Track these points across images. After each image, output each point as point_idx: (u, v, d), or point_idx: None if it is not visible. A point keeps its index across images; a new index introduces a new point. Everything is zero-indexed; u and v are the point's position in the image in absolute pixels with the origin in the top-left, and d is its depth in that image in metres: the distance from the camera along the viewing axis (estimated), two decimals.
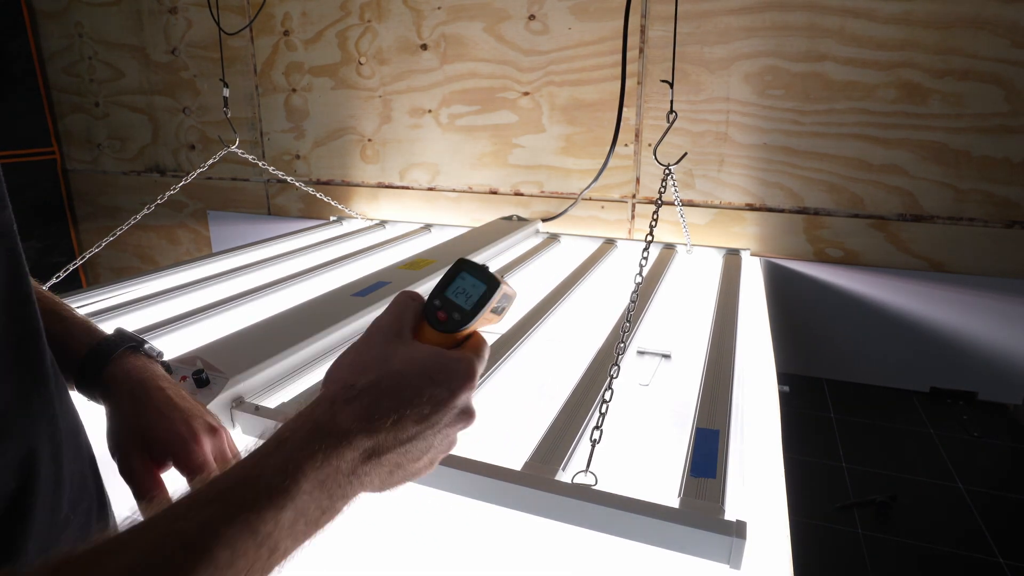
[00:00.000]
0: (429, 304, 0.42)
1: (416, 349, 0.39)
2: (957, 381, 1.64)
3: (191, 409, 0.56)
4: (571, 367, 0.96)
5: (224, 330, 0.99)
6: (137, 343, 0.59)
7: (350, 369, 0.39)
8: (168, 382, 0.58)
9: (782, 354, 1.13)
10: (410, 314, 0.41)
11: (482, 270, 0.42)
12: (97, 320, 1.14)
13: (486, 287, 0.41)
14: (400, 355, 0.38)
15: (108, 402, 0.55)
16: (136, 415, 0.54)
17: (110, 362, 0.55)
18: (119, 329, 0.60)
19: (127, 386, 0.55)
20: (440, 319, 0.41)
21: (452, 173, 2.07)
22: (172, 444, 0.53)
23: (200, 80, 2.34)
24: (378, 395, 0.36)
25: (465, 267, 0.42)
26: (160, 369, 0.59)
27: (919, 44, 1.50)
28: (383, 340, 0.39)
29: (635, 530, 0.60)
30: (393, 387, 0.37)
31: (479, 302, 0.41)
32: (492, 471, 0.66)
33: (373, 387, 0.37)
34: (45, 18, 2.54)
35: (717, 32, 1.65)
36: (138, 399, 0.54)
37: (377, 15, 2.02)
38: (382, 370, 0.38)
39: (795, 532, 0.64)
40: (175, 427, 0.54)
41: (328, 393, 0.37)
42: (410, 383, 0.37)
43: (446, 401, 0.38)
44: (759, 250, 1.75)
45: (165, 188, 1.83)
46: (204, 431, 0.55)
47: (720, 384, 0.87)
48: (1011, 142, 1.49)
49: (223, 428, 0.58)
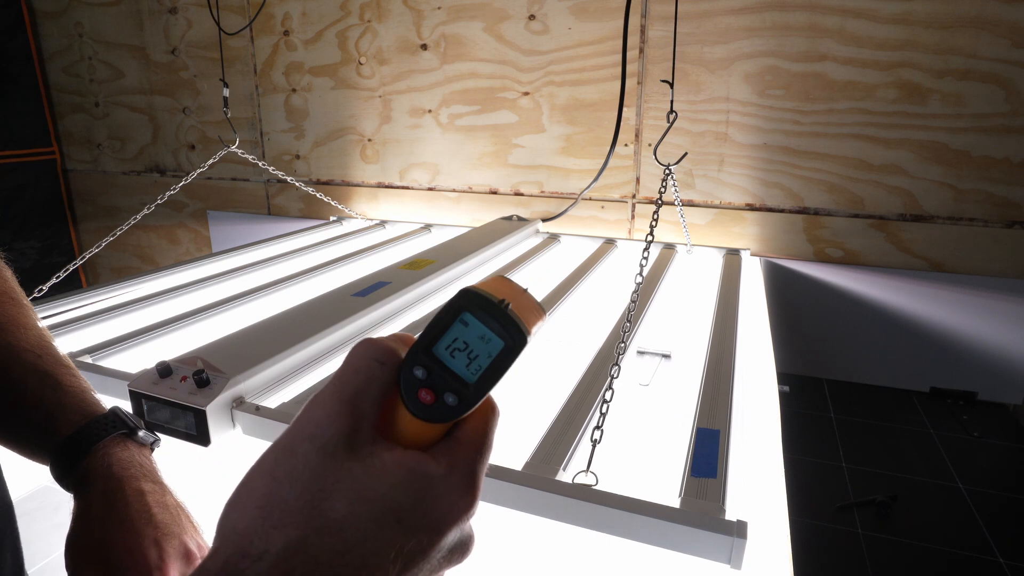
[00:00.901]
0: (406, 371, 0.25)
1: (378, 468, 0.24)
2: (957, 381, 1.64)
3: (168, 525, 0.47)
4: (571, 367, 0.96)
5: (224, 330, 0.99)
6: (130, 429, 0.51)
7: (259, 515, 0.23)
8: (153, 482, 0.49)
9: (782, 354, 1.13)
10: (371, 395, 0.25)
11: (498, 311, 0.25)
12: (97, 320, 1.14)
13: (503, 344, 0.24)
14: (348, 487, 0.23)
15: (78, 498, 0.48)
16: (103, 525, 0.45)
17: (92, 451, 0.48)
18: (114, 410, 0.53)
19: (103, 484, 0.47)
20: (423, 402, 0.25)
21: (452, 173, 2.07)
22: (134, 570, 0.44)
23: (200, 80, 2.34)
24: (304, 568, 0.21)
25: (471, 304, 0.25)
26: (150, 463, 0.51)
27: (919, 44, 1.50)
28: (319, 457, 0.23)
29: (636, 530, 0.60)
30: (332, 549, 0.22)
31: (491, 371, 0.25)
32: (492, 471, 0.66)
33: (294, 553, 0.22)
34: (45, 18, 2.54)
35: (717, 32, 1.65)
36: (111, 503, 0.46)
37: (377, 15, 2.02)
38: (313, 521, 0.22)
39: (795, 532, 0.64)
40: (142, 549, 0.45)
41: (214, 566, 0.22)
42: (364, 538, 0.22)
43: (426, 550, 0.24)
44: (759, 250, 1.75)
45: (165, 188, 1.83)
46: (176, 557, 0.46)
47: (720, 384, 0.87)
48: (1011, 142, 1.49)
49: (203, 549, 0.49)
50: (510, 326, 0.24)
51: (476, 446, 0.26)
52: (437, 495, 0.24)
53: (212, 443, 0.77)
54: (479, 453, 0.26)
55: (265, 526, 0.22)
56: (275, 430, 0.76)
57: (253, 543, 0.22)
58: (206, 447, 0.77)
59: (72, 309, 1.22)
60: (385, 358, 0.25)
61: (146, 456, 0.52)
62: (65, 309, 1.22)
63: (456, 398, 0.25)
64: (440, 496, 0.24)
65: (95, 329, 1.13)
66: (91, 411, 0.51)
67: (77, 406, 0.51)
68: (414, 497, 0.24)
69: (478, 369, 0.25)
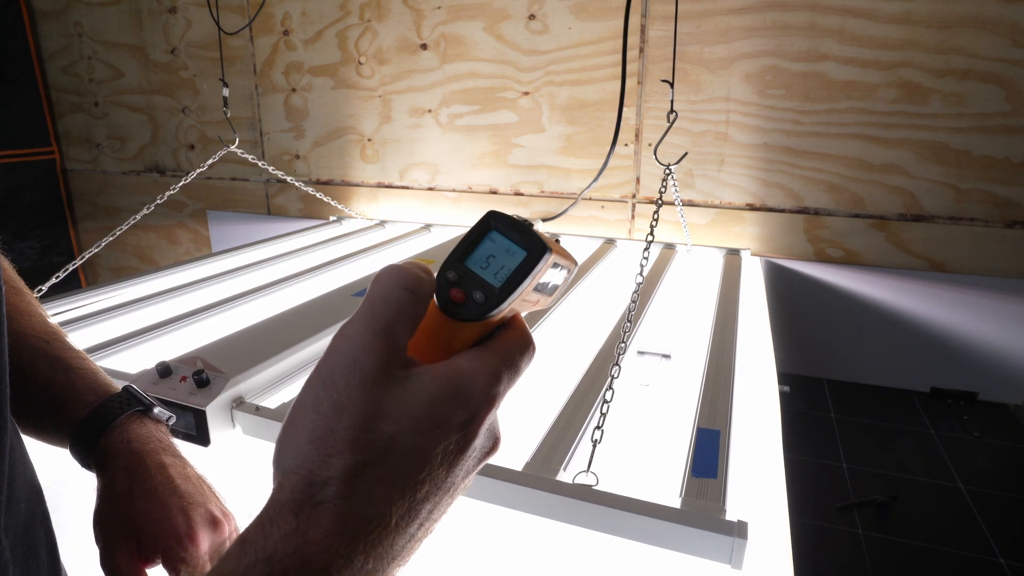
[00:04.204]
0: (440, 276, 0.28)
1: (415, 387, 0.25)
2: (957, 381, 1.64)
3: (192, 495, 0.48)
4: (572, 367, 0.96)
5: (224, 330, 0.99)
6: (145, 406, 0.52)
7: (312, 448, 0.24)
8: (173, 455, 0.51)
9: (782, 354, 1.13)
10: (403, 324, 0.26)
11: (523, 228, 0.28)
12: (96, 320, 1.14)
13: (527, 253, 0.28)
14: (392, 408, 0.24)
15: (101, 476, 0.48)
16: (128, 498, 0.46)
17: (110, 428, 0.49)
18: (128, 388, 0.53)
19: (124, 459, 0.48)
20: (454, 300, 0.28)
21: (452, 173, 2.06)
22: (164, 538, 0.46)
23: (200, 80, 2.34)
24: (366, 487, 0.23)
25: (497, 223, 0.29)
26: (167, 438, 0.52)
27: (920, 44, 1.50)
28: (361, 388, 0.24)
29: (636, 530, 0.60)
30: (387, 465, 0.24)
31: (514, 277, 0.27)
32: (493, 471, 0.66)
33: (356, 475, 0.23)
34: (44, 17, 2.54)
35: (717, 32, 1.65)
36: (134, 477, 0.47)
37: (377, 15, 2.02)
38: (367, 445, 0.24)
39: (795, 532, 0.64)
40: (170, 518, 0.46)
41: (284, 496, 0.23)
42: (412, 449, 0.24)
43: (463, 448, 0.26)
44: (759, 250, 1.75)
45: (165, 188, 1.83)
46: (203, 524, 0.47)
47: (720, 384, 0.87)
48: (1012, 142, 1.49)
49: (228, 516, 0.50)
50: (533, 239, 0.28)
51: (503, 358, 0.27)
52: (464, 396, 0.26)
53: (212, 443, 0.77)
54: (505, 365, 0.27)
55: (321, 456, 0.24)
56: (275, 430, 0.75)
57: (314, 472, 0.23)
58: (206, 447, 0.77)
59: (71, 309, 1.22)
60: (415, 286, 0.26)
61: (163, 432, 0.52)
62: (64, 309, 1.22)
63: (483, 295, 0.27)
64: (467, 397, 0.26)
65: (94, 329, 1.13)
66: (104, 391, 0.52)
67: (90, 387, 0.51)
68: (448, 401, 0.25)
69: (504, 276, 0.28)
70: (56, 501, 0.49)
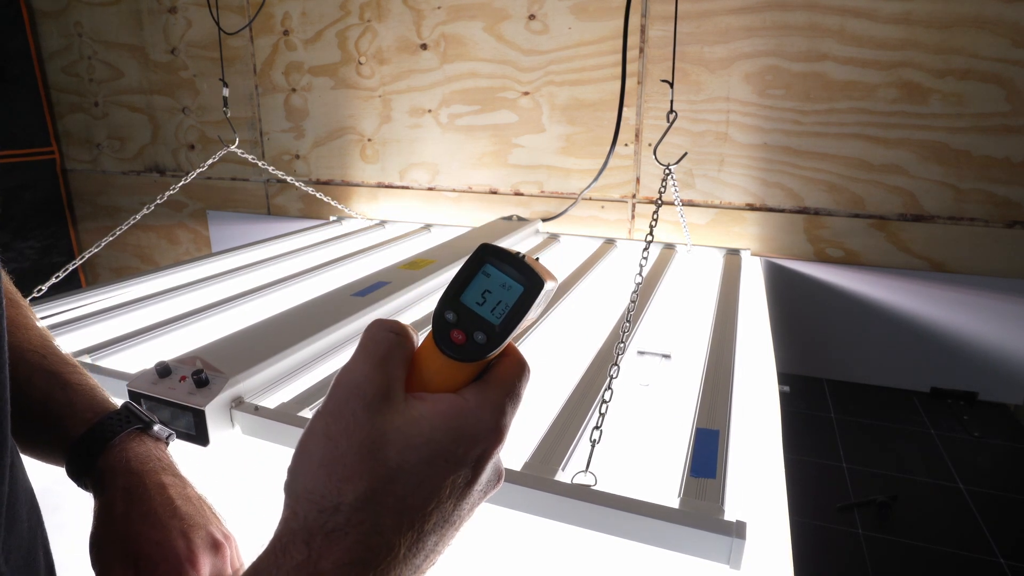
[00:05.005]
0: (438, 317, 0.29)
1: (416, 417, 0.26)
2: (957, 381, 1.64)
3: (193, 516, 0.47)
4: (571, 367, 0.96)
5: (224, 330, 0.99)
6: (144, 423, 0.51)
7: (324, 473, 0.25)
8: (173, 475, 0.49)
9: (782, 354, 1.13)
10: (397, 358, 0.27)
11: (516, 261, 0.29)
12: (96, 320, 1.14)
13: (523, 288, 0.28)
14: (395, 438, 0.25)
15: (98, 497, 0.46)
16: (127, 520, 0.44)
17: (108, 447, 0.47)
18: (127, 404, 0.52)
19: (123, 480, 0.46)
20: (455, 342, 0.28)
21: (452, 173, 2.06)
22: (163, 563, 0.43)
23: (200, 80, 2.34)
24: (375, 516, 0.24)
25: (491, 257, 0.29)
26: (168, 457, 0.51)
27: (919, 44, 1.50)
28: (367, 413, 0.25)
29: (635, 530, 0.60)
30: (395, 495, 0.25)
31: (514, 313, 0.28)
32: None
33: (366, 501, 0.24)
34: (44, 17, 2.54)
35: (717, 32, 1.65)
36: (133, 499, 0.45)
37: (377, 15, 2.02)
38: (375, 471, 0.25)
39: (795, 532, 0.64)
40: (170, 542, 0.44)
41: (296, 524, 0.24)
42: (419, 481, 0.25)
43: (471, 482, 0.27)
44: (759, 250, 1.75)
45: (165, 188, 1.83)
46: (205, 548, 0.46)
47: (720, 384, 0.87)
48: (1012, 142, 1.48)
49: (230, 539, 0.49)
50: (528, 273, 0.28)
51: (505, 389, 0.28)
52: (472, 431, 0.26)
53: (211, 443, 0.77)
54: (507, 396, 0.28)
55: (332, 481, 0.25)
56: (274, 430, 0.76)
57: (326, 498, 0.24)
58: (205, 447, 0.77)
59: (71, 309, 1.22)
60: (399, 330, 0.28)
61: (163, 450, 0.51)
62: (64, 309, 1.22)
63: (485, 336, 0.28)
64: (474, 433, 0.26)
65: (94, 329, 1.13)
66: (102, 408, 0.50)
67: (88, 404, 0.50)
68: (453, 435, 0.26)
69: (502, 312, 0.28)
70: (54, 502, 0.49)
